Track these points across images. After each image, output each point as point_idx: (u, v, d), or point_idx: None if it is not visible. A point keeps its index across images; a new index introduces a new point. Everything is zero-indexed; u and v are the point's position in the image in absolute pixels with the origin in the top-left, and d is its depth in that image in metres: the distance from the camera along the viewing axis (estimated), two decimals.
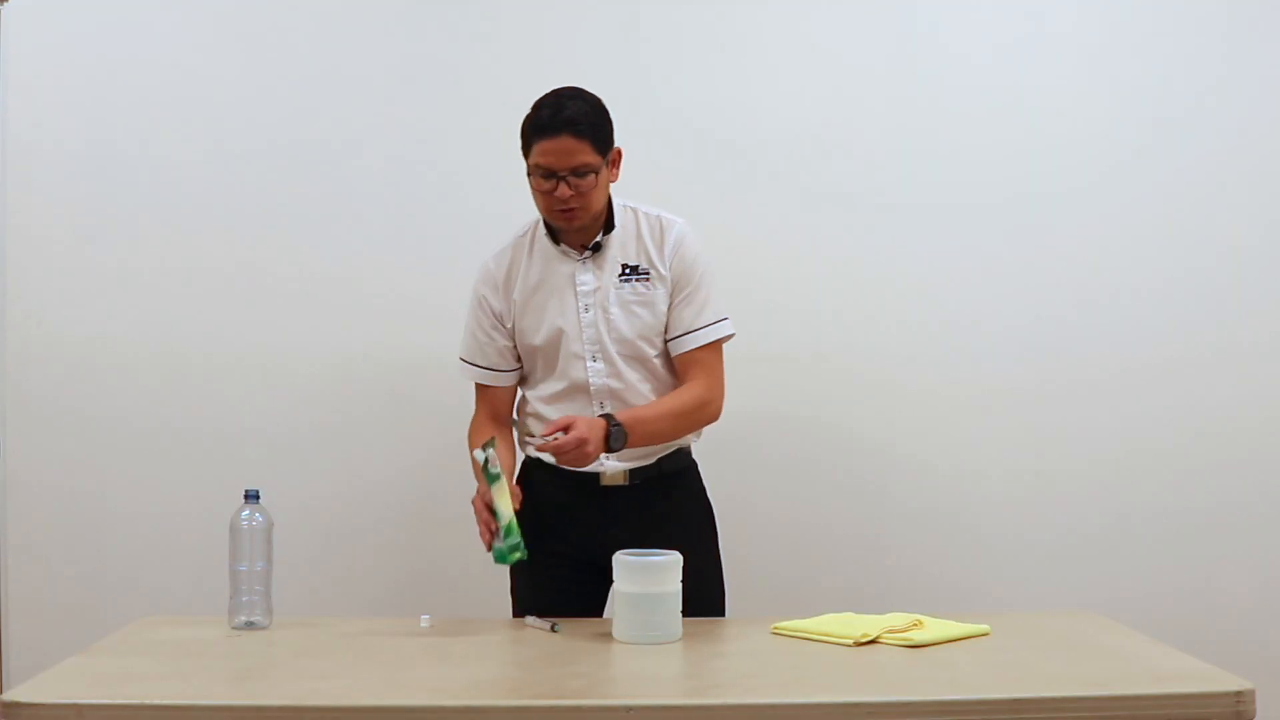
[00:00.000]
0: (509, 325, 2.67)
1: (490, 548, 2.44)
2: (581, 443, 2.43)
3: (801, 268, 3.25)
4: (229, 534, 2.43)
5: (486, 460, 2.43)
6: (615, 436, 2.49)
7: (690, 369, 2.64)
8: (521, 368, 2.71)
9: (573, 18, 3.32)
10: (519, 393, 2.75)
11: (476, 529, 3.22)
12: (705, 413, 2.65)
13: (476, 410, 2.74)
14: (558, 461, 2.49)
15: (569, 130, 2.50)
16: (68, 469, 3.24)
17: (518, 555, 2.40)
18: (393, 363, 3.29)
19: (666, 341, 2.66)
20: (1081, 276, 3.36)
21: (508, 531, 2.40)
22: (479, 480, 2.51)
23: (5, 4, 3.23)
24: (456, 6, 3.31)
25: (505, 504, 2.42)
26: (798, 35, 3.34)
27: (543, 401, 2.66)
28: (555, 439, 2.43)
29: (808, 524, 3.32)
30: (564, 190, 2.52)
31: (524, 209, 3.17)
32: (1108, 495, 3.36)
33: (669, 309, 2.63)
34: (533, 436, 2.52)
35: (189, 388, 3.26)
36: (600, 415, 2.53)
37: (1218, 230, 3.37)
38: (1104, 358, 3.35)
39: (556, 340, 2.62)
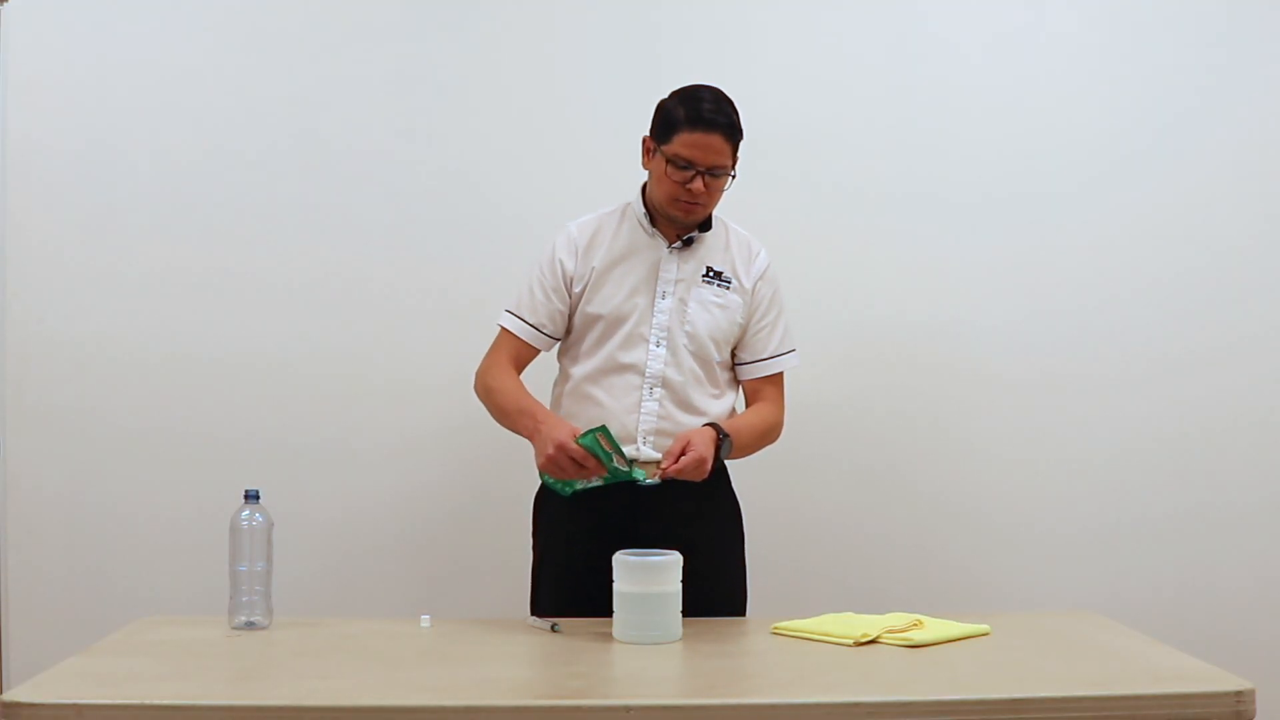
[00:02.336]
0: (577, 290, 2.66)
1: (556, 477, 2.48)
2: (702, 461, 2.48)
3: (804, 263, 3.24)
4: (229, 534, 2.43)
5: (632, 473, 2.47)
6: (725, 447, 2.55)
7: (762, 391, 2.72)
8: (562, 340, 2.72)
9: (580, 17, 3.32)
10: (553, 371, 2.76)
11: (476, 529, 3.26)
12: (775, 435, 2.73)
13: (498, 355, 2.68)
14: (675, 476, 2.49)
15: (722, 131, 2.55)
16: (68, 469, 3.24)
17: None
18: (393, 363, 3.29)
19: (740, 364, 2.73)
20: (1080, 274, 3.36)
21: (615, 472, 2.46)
22: (539, 420, 2.53)
23: (5, 4, 3.23)
24: (460, 6, 3.31)
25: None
26: (805, 34, 3.35)
27: (589, 381, 2.65)
28: (677, 465, 2.46)
29: (808, 523, 3.32)
30: (699, 184, 2.56)
31: (532, 210, 3.19)
32: (1108, 495, 3.36)
33: (747, 332, 2.70)
34: (630, 464, 2.50)
35: (189, 387, 3.25)
36: (707, 425, 2.57)
37: (1220, 227, 3.37)
38: (1103, 357, 3.36)
39: (625, 317, 2.64)
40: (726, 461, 2.65)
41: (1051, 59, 3.37)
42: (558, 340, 2.72)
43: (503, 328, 2.70)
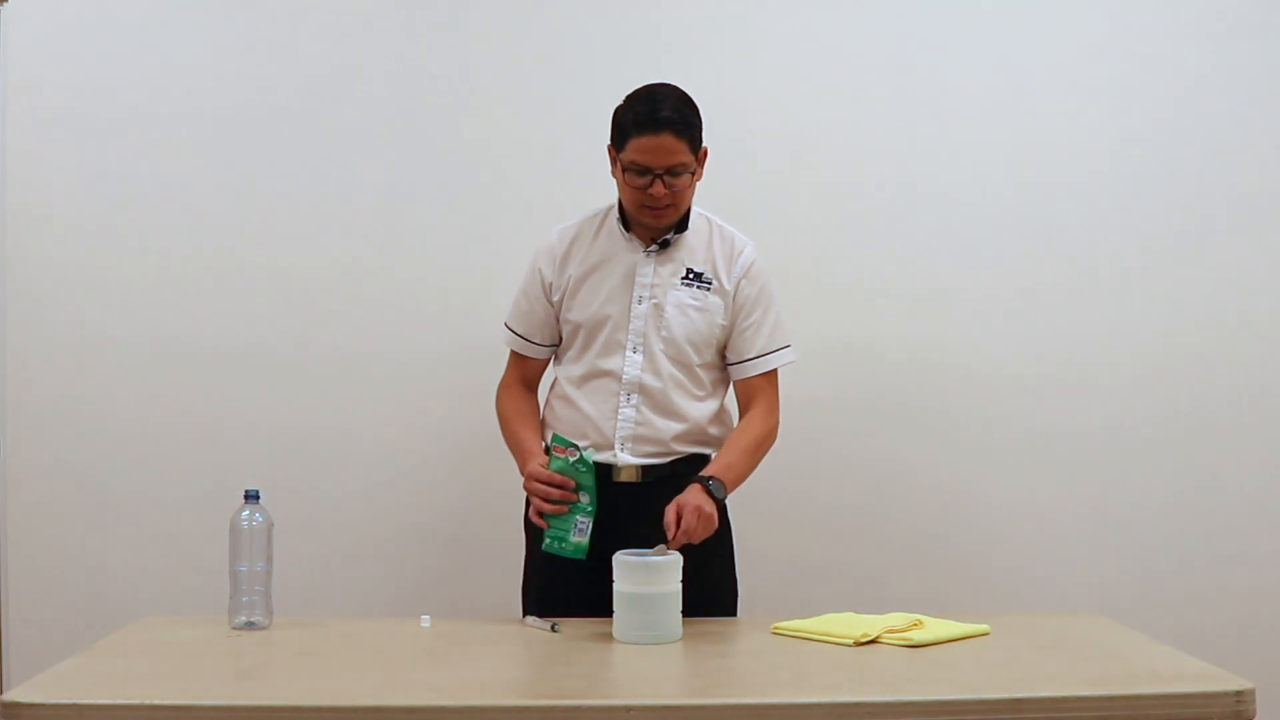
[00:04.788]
0: (556, 299, 2.67)
1: (546, 525, 2.48)
2: (697, 512, 2.43)
3: (804, 263, 3.25)
4: (229, 534, 2.43)
5: (588, 459, 2.47)
6: (716, 488, 2.50)
7: (753, 398, 2.68)
8: (557, 345, 2.73)
9: (580, 16, 3.32)
10: (549, 372, 2.77)
11: (475, 529, 3.26)
12: (771, 441, 2.68)
13: (508, 372, 2.76)
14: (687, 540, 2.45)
15: (669, 129, 2.49)
16: (68, 469, 3.24)
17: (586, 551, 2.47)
18: (393, 362, 3.28)
19: (729, 364, 2.69)
20: (1080, 275, 3.35)
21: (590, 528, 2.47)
22: (526, 459, 2.57)
23: (5, 4, 3.23)
24: (461, 4, 3.31)
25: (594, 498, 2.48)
26: (805, 36, 3.34)
27: (572, 384, 2.66)
28: (681, 528, 2.42)
29: (808, 523, 3.31)
30: (659, 188, 2.52)
31: (532, 208, 3.19)
32: (1108, 495, 3.35)
33: (733, 332, 2.66)
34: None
35: (189, 387, 3.25)
36: (693, 482, 2.51)
37: (1219, 232, 3.36)
38: (1105, 358, 3.35)
39: (601, 323, 2.63)
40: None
41: (1053, 59, 3.36)
42: (553, 347, 2.73)
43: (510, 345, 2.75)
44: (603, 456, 2.58)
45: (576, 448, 2.47)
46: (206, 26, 3.27)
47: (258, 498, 2.45)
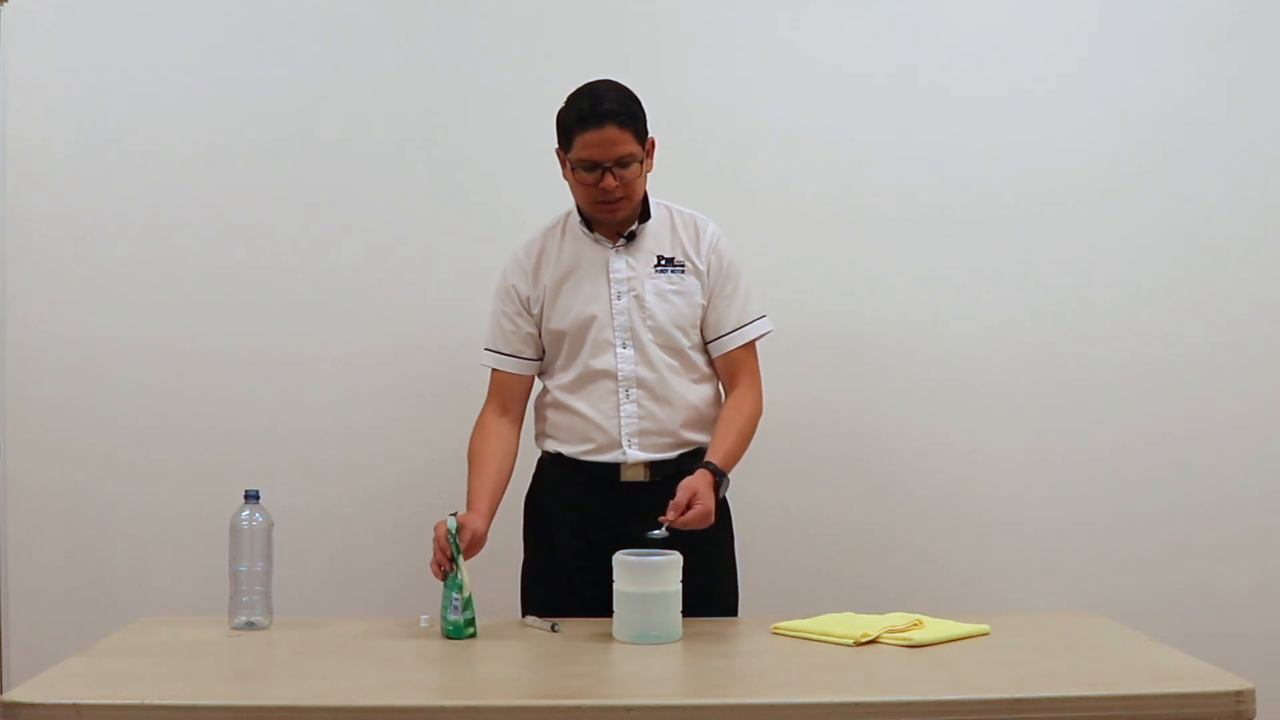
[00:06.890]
0: (535, 312, 2.67)
1: (443, 576, 2.39)
2: (708, 514, 2.44)
3: (804, 264, 3.25)
4: (229, 534, 2.43)
5: (454, 532, 2.41)
6: (724, 486, 2.52)
7: (736, 372, 2.67)
8: (542, 359, 2.72)
9: (580, 19, 3.32)
10: (536, 385, 2.76)
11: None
12: (759, 414, 2.67)
13: (487, 404, 2.71)
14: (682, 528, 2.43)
15: (612, 121, 2.50)
16: (68, 469, 3.24)
17: (471, 632, 2.37)
18: (393, 363, 3.29)
19: (708, 342, 2.69)
20: (1084, 279, 3.35)
21: (467, 605, 2.36)
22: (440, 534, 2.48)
23: (5, 4, 3.23)
24: (458, 7, 3.31)
25: (468, 578, 2.39)
26: (801, 35, 3.34)
27: (563, 390, 2.66)
28: (685, 517, 2.41)
29: (808, 523, 3.31)
30: (610, 181, 2.53)
31: (530, 208, 3.17)
32: (1108, 495, 3.35)
33: (708, 309, 2.66)
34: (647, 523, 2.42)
35: (189, 387, 3.26)
36: (701, 467, 2.51)
37: (1218, 232, 3.36)
38: (1105, 358, 3.35)
39: (586, 326, 2.63)
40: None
41: (1052, 59, 3.36)
42: (538, 360, 2.72)
43: (491, 369, 2.71)
44: (610, 456, 2.59)
45: (452, 519, 2.42)
46: (206, 27, 3.28)
47: (258, 498, 2.45)
